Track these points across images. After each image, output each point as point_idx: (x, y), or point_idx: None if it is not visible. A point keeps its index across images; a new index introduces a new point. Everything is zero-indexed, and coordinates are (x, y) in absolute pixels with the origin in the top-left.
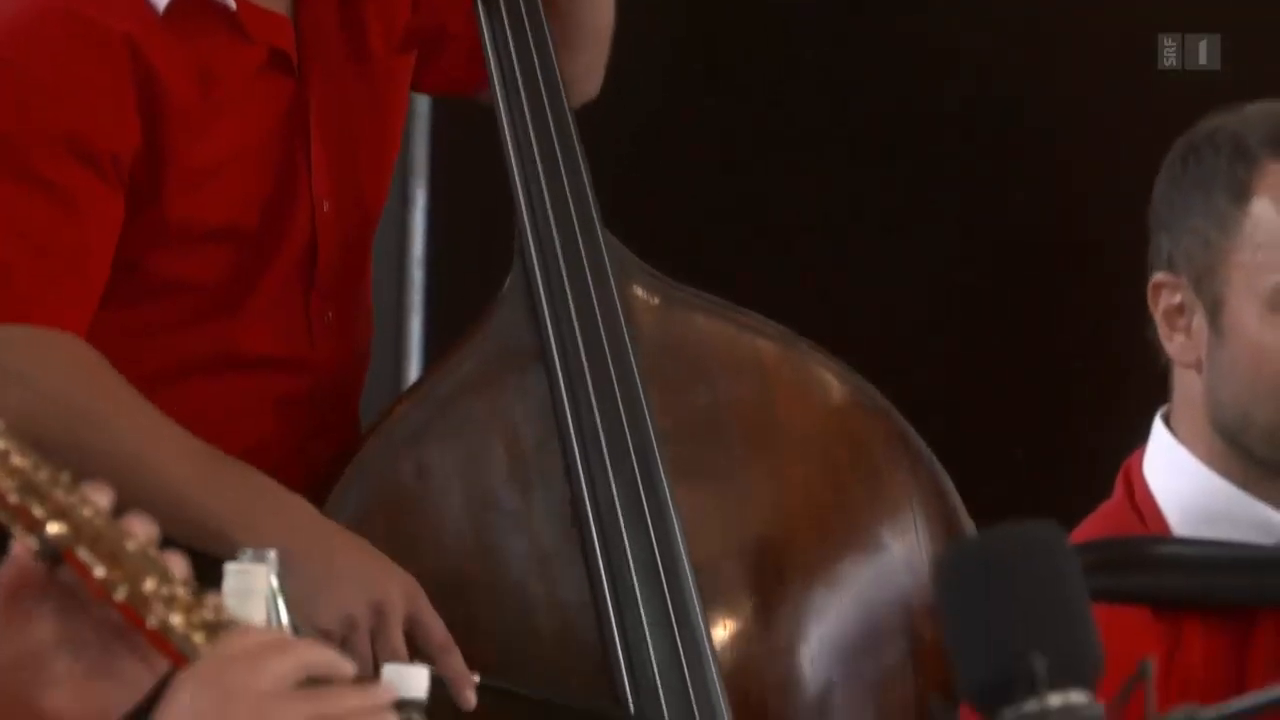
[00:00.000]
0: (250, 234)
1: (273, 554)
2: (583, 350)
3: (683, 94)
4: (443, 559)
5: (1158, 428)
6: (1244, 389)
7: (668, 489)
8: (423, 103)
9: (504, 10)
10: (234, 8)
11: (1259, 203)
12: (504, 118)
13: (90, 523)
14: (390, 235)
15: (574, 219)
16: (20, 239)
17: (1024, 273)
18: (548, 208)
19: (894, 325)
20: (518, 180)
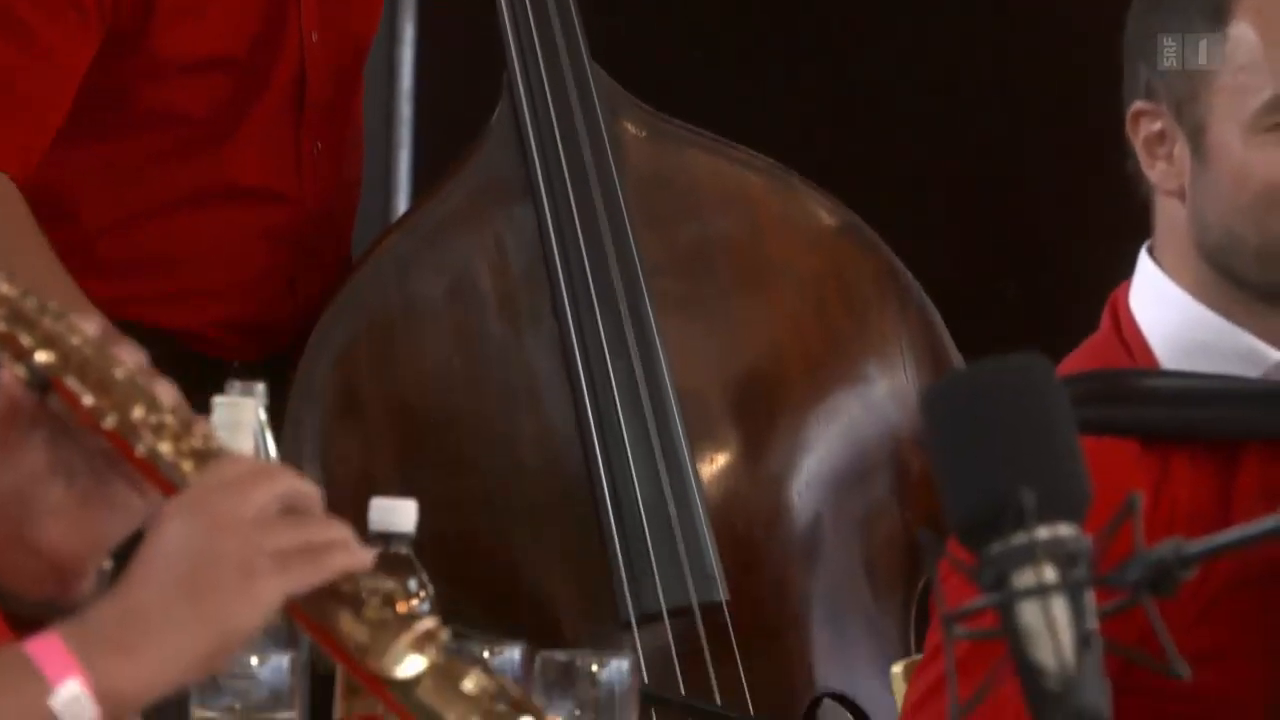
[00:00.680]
0: (239, 65)
1: (260, 387)
2: (569, 184)
3: None
4: (429, 391)
5: (1143, 260)
6: (1230, 211)
7: (654, 322)
8: None
9: None
10: None
11: (1238, 25)
12: None
13: (78, 351)
14: (379, 71)
15: (562, 52)
16: None
17: (1014, 108)
18: (535, 41)
19: (885, 160)
20: (505, 14)
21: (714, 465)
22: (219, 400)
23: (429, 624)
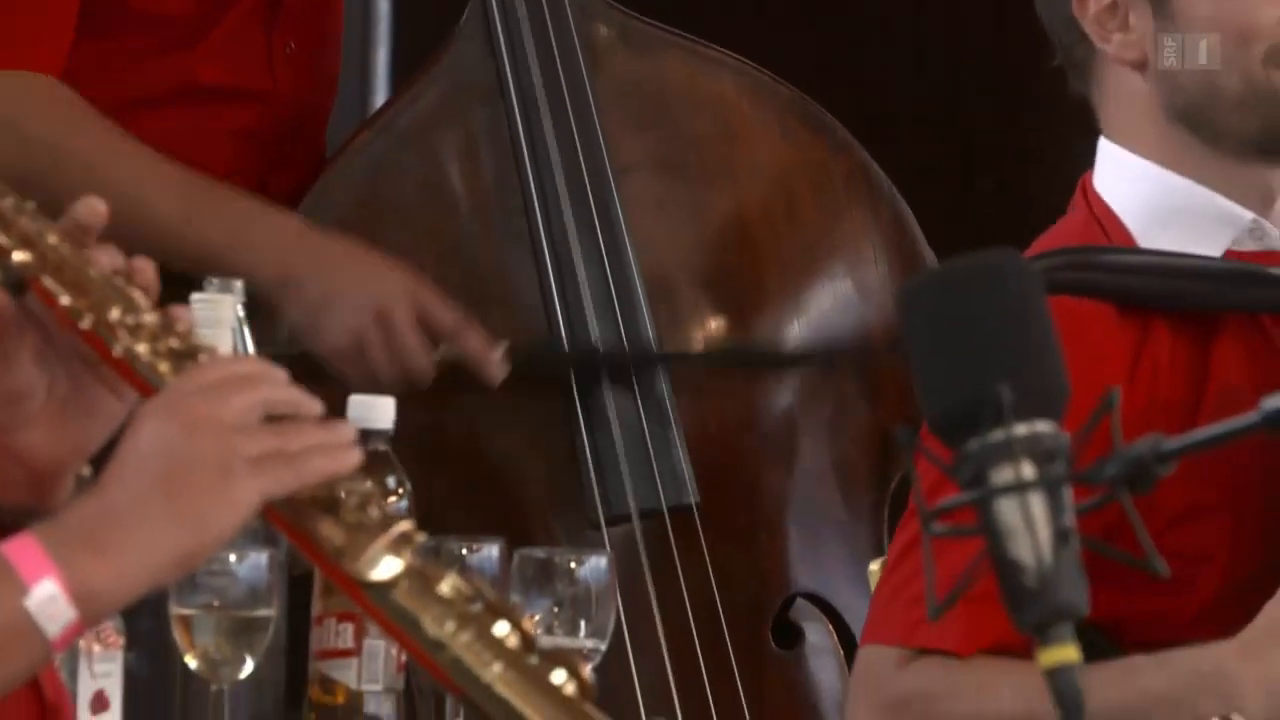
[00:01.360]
0: None
1: (239, 284)
2: (538, 84)
3: None
4: None
5: (1102, 145)
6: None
7: (624, 222)
8: None
9: None
10: None
11: None
12: None
13: (55, 250)
14: None
15: None
16: None
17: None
18: None
19: (858, 58)
20: None
21: (685, 363)
22: (196, 297)
23: (405, 527)
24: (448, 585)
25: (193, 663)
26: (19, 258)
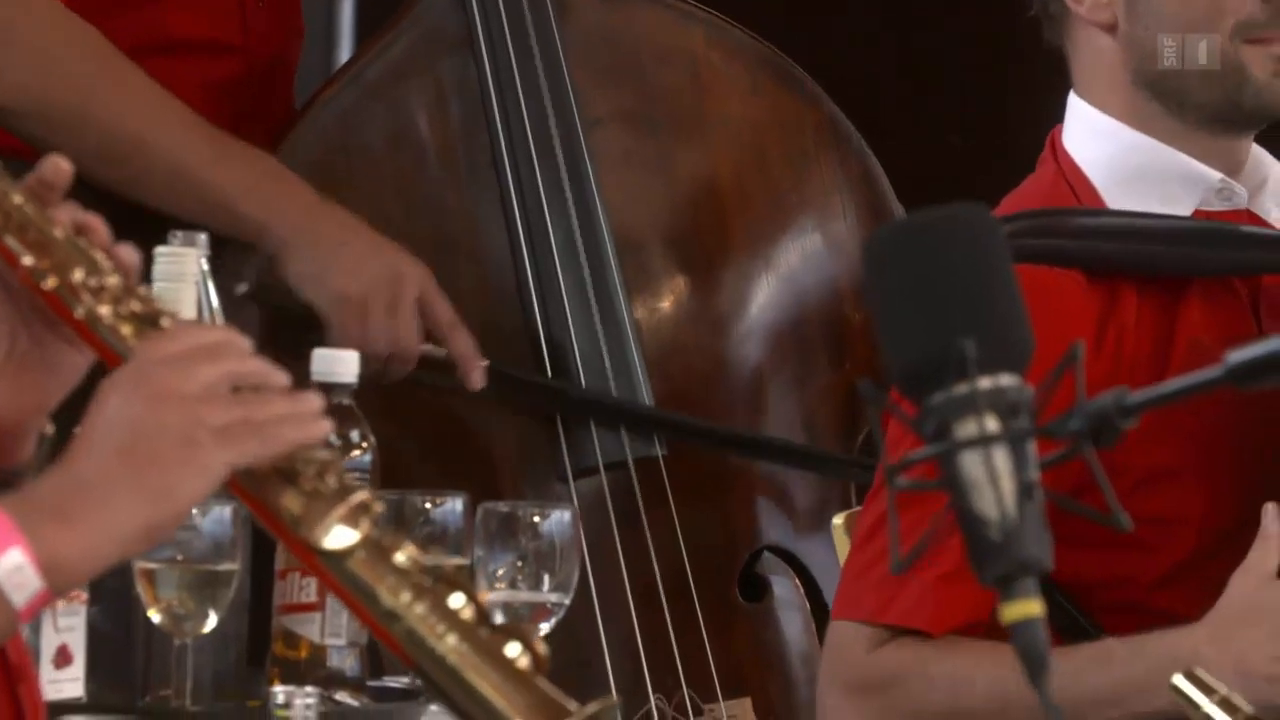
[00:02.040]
0: None
1: (203, 237)
2: (508, 36)
3: None
4: None
5: (1072, 101)
6: (1178, 28)
7: (593, 175)
8: None
9: None
10: None
11: None
12: None
13: (19, 210)
14: None
15: None
16: None
17: None
18: None
19: (828, 13)
20: None
21: (653, 317)
22: (161, 251)
23: (363, 496)
24: (404, 556)
25: (156, 617)
26: None
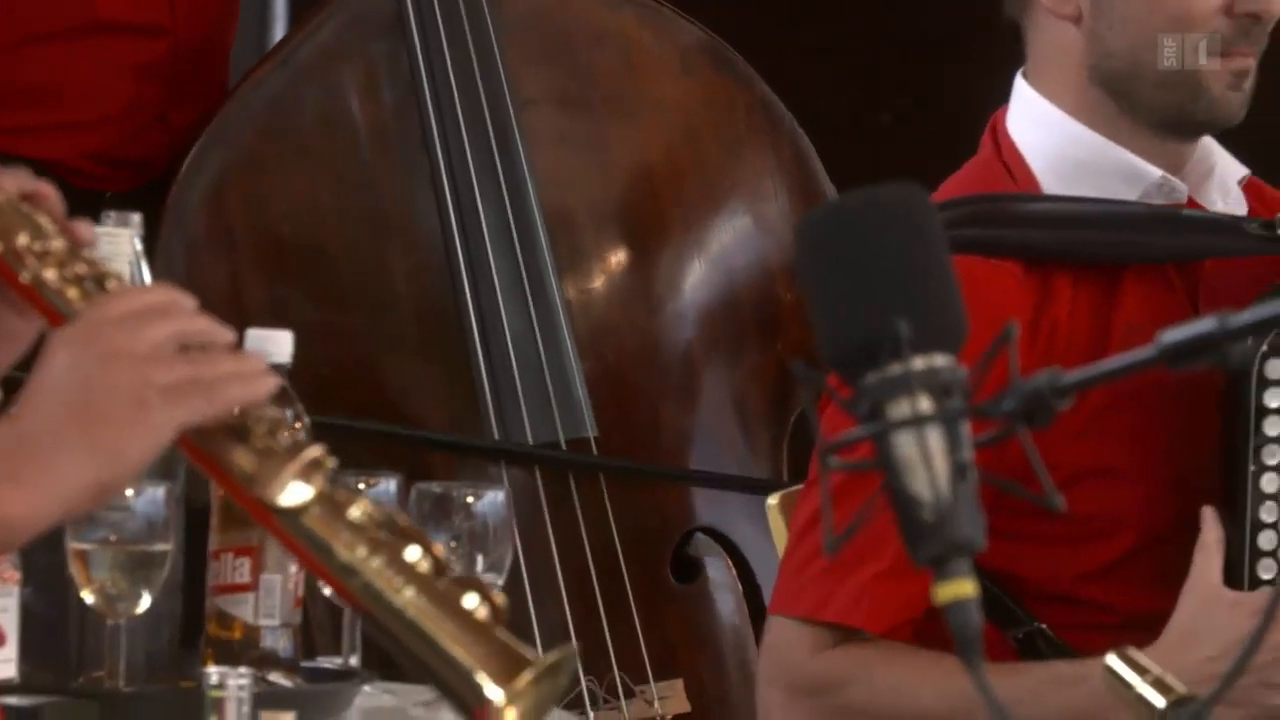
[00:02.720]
0: None
1: (137, 217)
2: (439, 16)
3: None
4: (300, 223)
5: (1019, 85)
6: (1138, 36)
7: (524, 156)
8: None
9: None
10: None
11: None
12: None
13: None
14: None
15: None
16: None
17: None
18: None
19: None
20: None
21: (585, 297)
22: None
23: (315, 452)
24: (358, 510)
25: (89, 598)
26: None
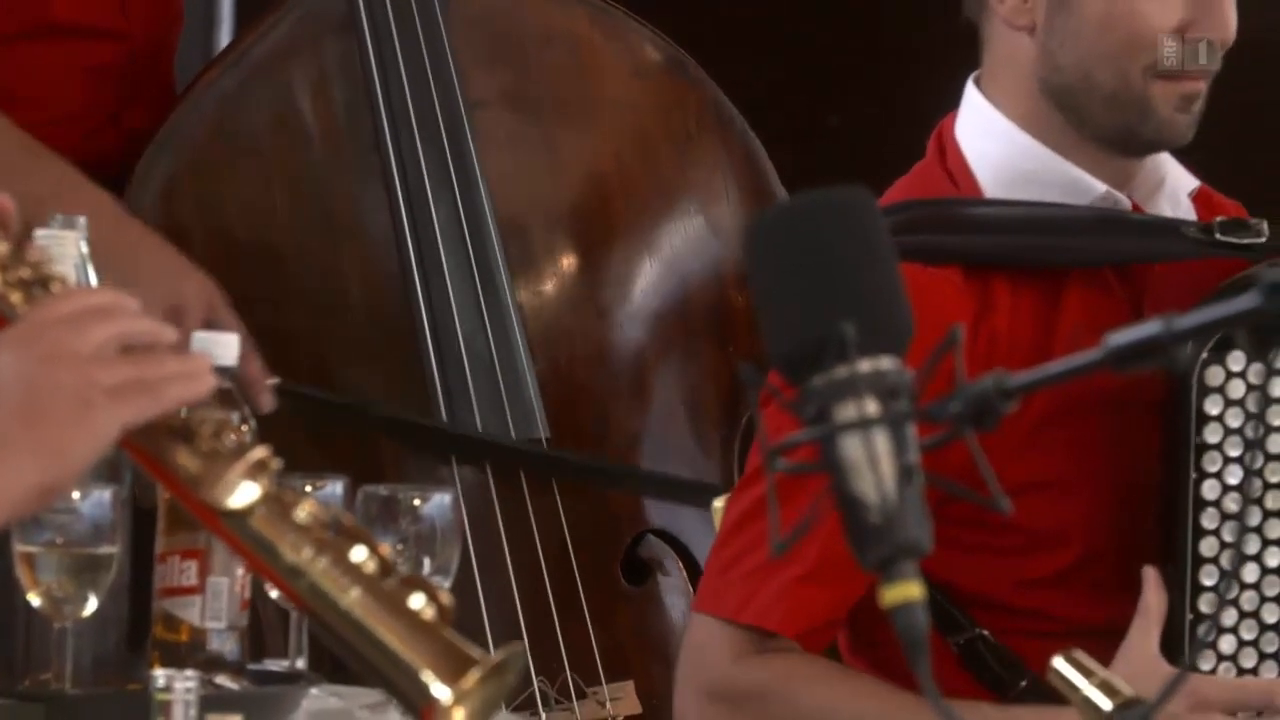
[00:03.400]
0: None
1: (83, 220)
2: (391, 16)
3: None
4: (252, 225)
5: (970, 91)
6: (1088, 54)
7: (476, 157)
8: None
9: None
10: None
11: None
12: None
13: None
14: None
15: None
16: None
17: None
18: None
19: None
20: None
21: (537, 299)
22: (40, 233)
23: (260, 454)
24: (304, 511)
25: (36, 600)
26: None
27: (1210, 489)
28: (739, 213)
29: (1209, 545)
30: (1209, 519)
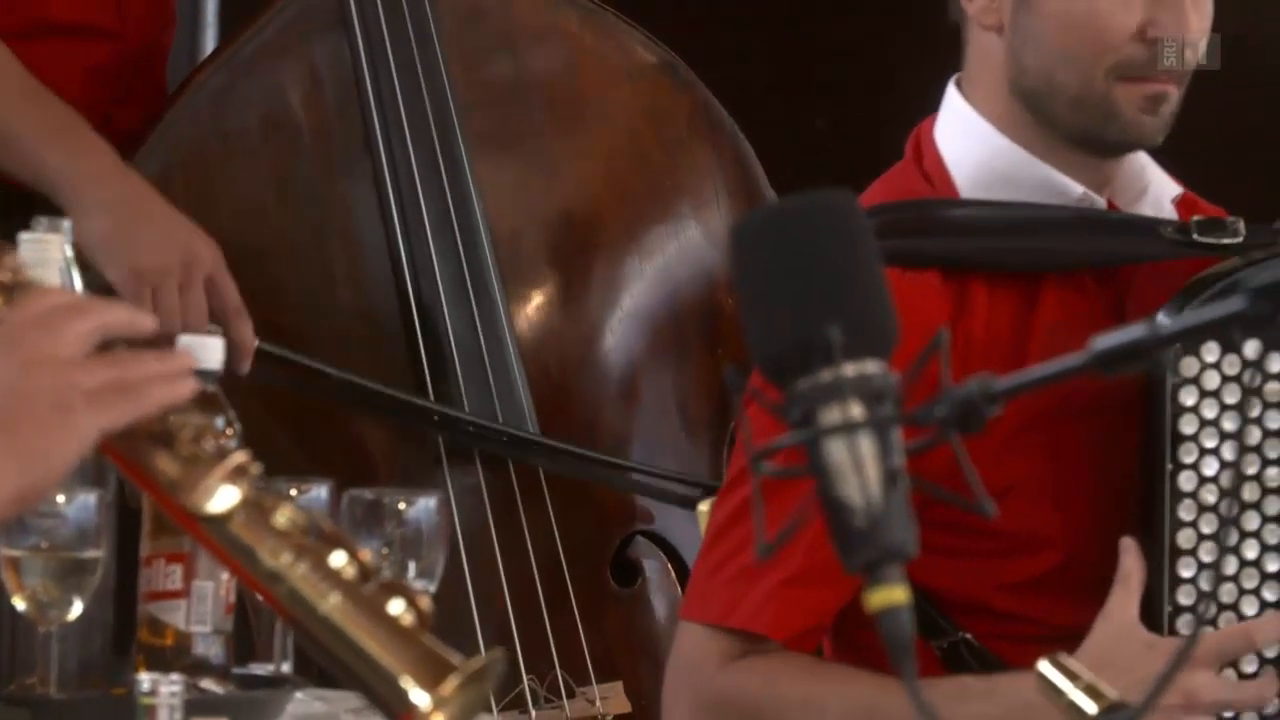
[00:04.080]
0: None
1: (67, 224)
2: (382, 17)
3: None
4: (243, 225)
5: (951, 93)
6: (1050, 56)
7: (467, 159)
8: None
9: None
10: None
11: None
12: None
13: None
14: None
15: None
16: None
17: None
18: None
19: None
20: None
21: (528, 303)
22: (24, 236)
23: (240, 458)
24: (284, 516)
25: (20, 605)
26: None
27: (1187, 480)
28: (730, 216)
29: (1186, 537)
30: (1186, 510)
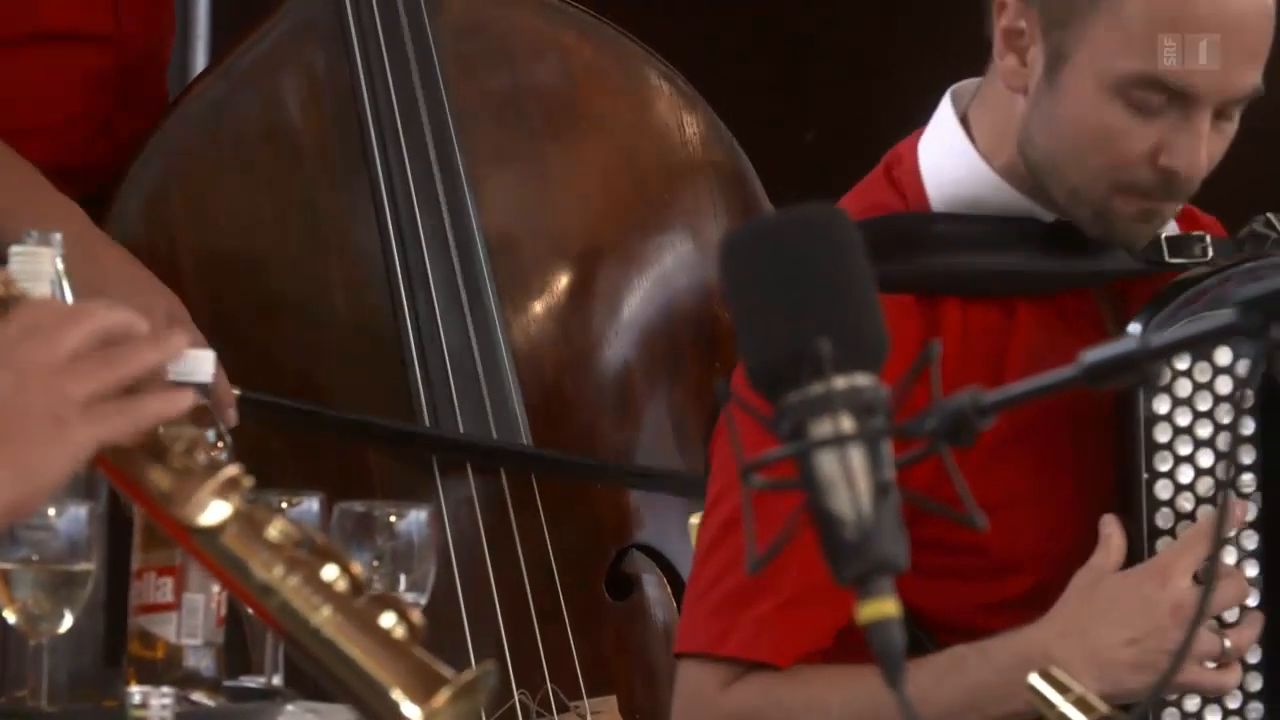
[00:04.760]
0: None
1: (58, 236)
2: (380, 29)
3: None
4: (239, 235)
5: (946, 111)
6: (1061, 146)
7: (463, 170)
8: None
9: None
10: None
11: None
12: None
13: None
14: None
15: None
16: None
17: None
18: None
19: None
20: None
21: (523, 314)
22: (15, 250)
23: (232, 471)
24: (276, 529)
25: (11, 617)
26: None
27: (1163, 488)
28: (726, 229)
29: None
30: (1163, 519)
